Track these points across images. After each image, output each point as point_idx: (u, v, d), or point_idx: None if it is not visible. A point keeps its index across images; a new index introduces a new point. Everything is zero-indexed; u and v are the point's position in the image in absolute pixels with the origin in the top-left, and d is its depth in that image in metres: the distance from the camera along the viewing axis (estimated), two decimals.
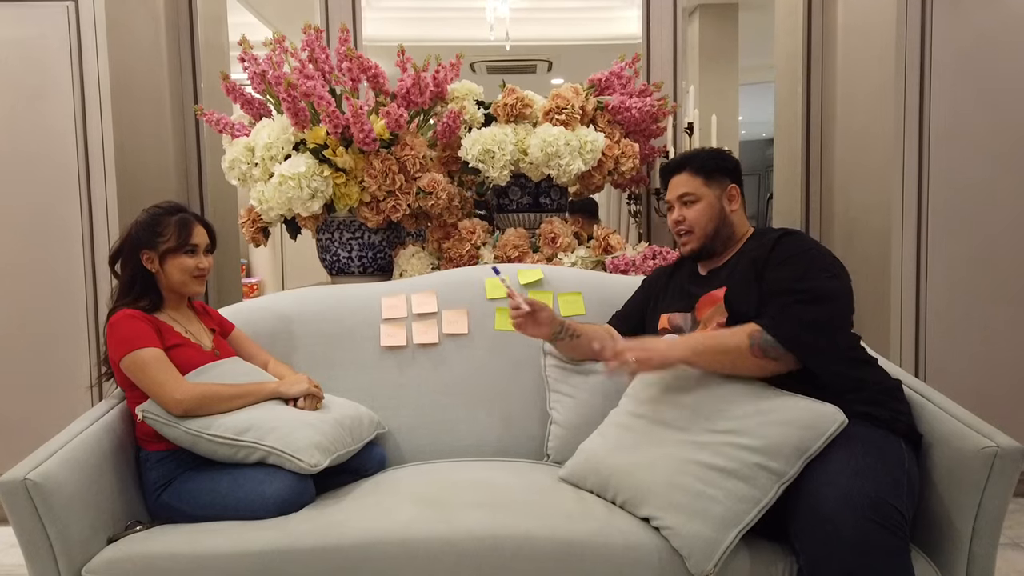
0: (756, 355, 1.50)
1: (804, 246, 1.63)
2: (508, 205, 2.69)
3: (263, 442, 1.58)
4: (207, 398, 1.61)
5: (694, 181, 1.76)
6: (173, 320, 1.78)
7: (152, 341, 1.65)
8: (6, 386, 2.71)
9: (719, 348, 1.52)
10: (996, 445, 1.41)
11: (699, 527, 1.37)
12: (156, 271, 1.76)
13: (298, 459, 1.57)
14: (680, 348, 1.53)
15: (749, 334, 1.51)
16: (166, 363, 1.64)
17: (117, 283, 1.78)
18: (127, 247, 1.77)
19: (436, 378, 2.04)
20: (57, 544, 1.46)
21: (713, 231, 1.75)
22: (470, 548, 1.44)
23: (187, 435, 1.60)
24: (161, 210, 1.79)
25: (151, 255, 1.75)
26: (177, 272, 1.76)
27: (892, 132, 2.64)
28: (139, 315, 1.70)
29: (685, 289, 1.79)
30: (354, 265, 2.59)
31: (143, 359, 1.63)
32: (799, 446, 1.39)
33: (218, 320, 1.93)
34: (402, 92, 2.46)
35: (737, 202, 1.78)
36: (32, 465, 1.46)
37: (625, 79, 2.75)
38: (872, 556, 1.27)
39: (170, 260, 1.75)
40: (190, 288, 1.80)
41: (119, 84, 2.71)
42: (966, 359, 2.66)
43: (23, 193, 2.68)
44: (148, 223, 1.76)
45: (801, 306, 1.52)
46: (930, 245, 2.65)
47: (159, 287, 1.78)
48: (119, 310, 1.71)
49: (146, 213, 1.79)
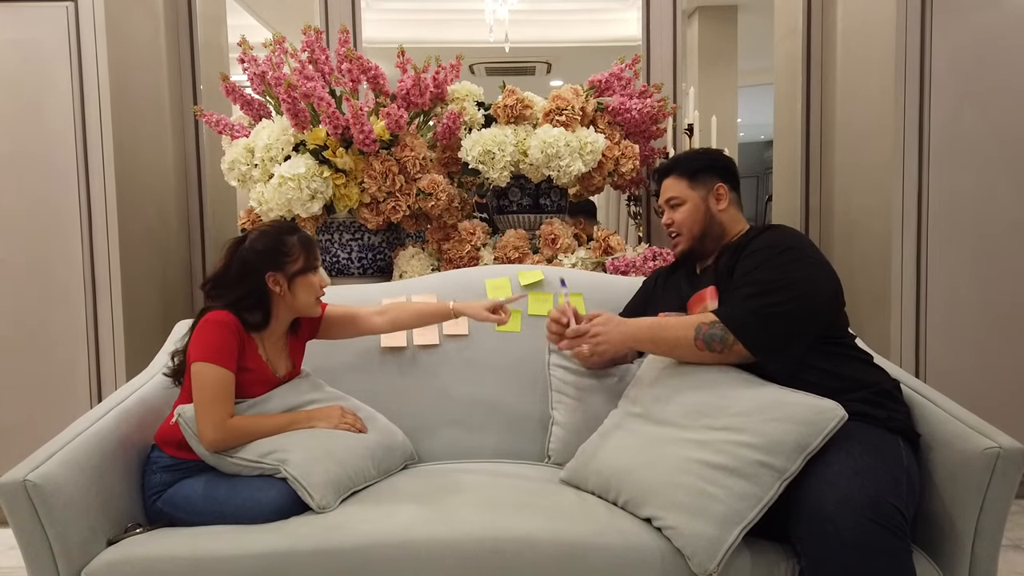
0: (699, 347, 1.54)
1: (777, 239, 1.62)
2: (508, 206, 2.69)
3: (284, 467, 1.58)
4: (233, 440, 1.60)
5: (679, 184, 1.79)
6: (261, 343, 1.73)
7: (230, 361, 1.62)
8: (5, 387, 2.71)
9: (663, 338, 1.58)
10: (998, 446, 1.41)
11: (701, 526, 1.37)
12: (283, 293, 1.70)
13: (310, 495, 1.56)
14: (627, 339, 1.62)
15: (696, 325, 1.54)
16: (228, 393, 1.61)
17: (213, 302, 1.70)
18: (239, 266, 1.69)
19: (436, 380, 2.04)
20: (57, 546, 1.45)
21: (700, 232, 1.77)
22: (471, 550, 1.43)
23: (213, 455, 1.60)
24: (279, 231, 1.73)
25: (278, 277, 1.69)
26: (305, 293, 1.72)
27: (892, 134, 2.64)
28: (235, 326, 1.65)
29: (680, 288, 1.81)
30: (354, 266, 2.58)
31: (212, 375, 1.59)
32: (800, 442, 1.39)
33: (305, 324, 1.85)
34: (402, 93, 2.46)
35: (725, 201, 1.78)
36: (32, 466, 1.45)
37: (625, 80, 2.75)
38: (873, 557, 1.27)
39: (299, 281, 1.71)
40: (313, 309, 1.76)
41: (118, 85, 2.70)
42: (967, 360, 2.66)
43: (22, 194, 2.67)
44: (271, 243, 1.70)
45: (757, 297, 1.52)
46: (930, 247, 2.65)
47: (271, 309, 1.72)
48: (223, 309, 1.66)
49: (265, 236, 1.71)
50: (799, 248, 1.60)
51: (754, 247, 1.63)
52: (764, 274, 1.55)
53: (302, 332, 1.85)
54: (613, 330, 1.62)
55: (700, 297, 1.70)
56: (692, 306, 1.72)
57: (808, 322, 1.54)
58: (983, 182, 2.64)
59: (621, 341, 1.62)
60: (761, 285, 1.54)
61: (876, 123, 2.76)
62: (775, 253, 1.58)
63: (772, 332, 1.51)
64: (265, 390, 1.71)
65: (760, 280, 1.55)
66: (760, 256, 1.59)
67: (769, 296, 1.52)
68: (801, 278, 1.55)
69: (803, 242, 1.64)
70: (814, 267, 1.58)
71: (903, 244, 2.65)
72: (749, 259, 1.61)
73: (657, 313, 1.81)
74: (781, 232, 1.66)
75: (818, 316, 1.55)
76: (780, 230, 1.68)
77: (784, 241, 1.61)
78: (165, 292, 2.97)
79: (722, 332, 1.51)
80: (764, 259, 1.58)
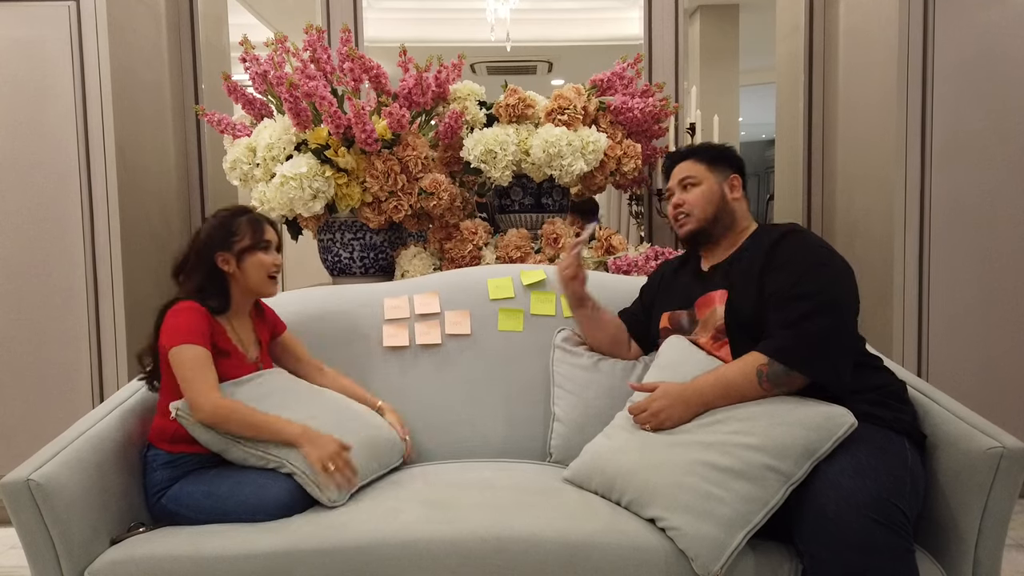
0: (766, 388, 1.50)
1: (809, 246, 1.60)
2: (510, 206, 2.69)
3: (291, 460, 1.58)
4: (230, 418, 1.59)
5: (697, 167, 1.78)
6: (230, 326, 1.76)
7: (205, 340, 1.64)
8: (8, 387, 2.71)
9: (729, 391, 1.52)
10: (1002, 446, 1.41)
11: (706, 528, 1.36)
12: (232, 272, 1.74)
13: (320, 490, 1.57)
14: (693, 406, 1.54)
15: (757, 369, 1.50)
16: (209, 368, 1.62)
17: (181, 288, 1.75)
18: (197, 253, 1.75)
19: (438, 379, 2.04)
20: (60, 545, 1.45)
21: (712, 215, 1.75)
22: (474, 549, 1.43)
23: (220, 439, 1.59)
24: (228, 212, 1.79)
25: (227, 256, 1.74)
26: (255, 270, 1.75)
27: (894, 134, 2.64)
28: (202, 310, 1.68)
29: (687, 287, 1.79)
30: (356, 266, 2.58)
31: (191, 355, 1.61)
32: (808, 447, 1.39)
33: (272, 321, 1.91)
34: (404, 92, 2.45)
35: (739, 192, 1.78)
36: (35, 466, 1.46)
37: (627, 80, 2.75)
38: (876, 557, 1.27)
39: (248, 259, 1.75)
40: (266, 288, 1.79)
41: (120, 84, 2.70)
42: (969, 360, 2.66)
43: (24, 194, 2.67)
44: (219, 225, 1.76)
45: (806, 321, 1.49)
46: (932, 247, 2.64)
47: (229, 291, 1.76)
48: (183, 300, 1.69)
49: (214, 218, 1.78)
50: (829, 257, 1.58)
51: (783, 257, 1.59)
52: (804, 291, 1.51)
53: (268, 322, 1.89)
54: (675, 402, 1.55)
55: (708, 300, 1.68)
56: (700, 308, 1.71)
57: (854, 330, 1.56)
58: (985, 181, 2.63)
59: (687, 409, 1.54)
60: (803, 306, 1.50)
61: (878, 122, 2.76)
62: (809, 266, 1.55)
63: (827, 354, 1.49)
64: (242, 373, 1.71)
65: (800, 298, 1.51)
66: (793, 270, 1.55)
67: (814, 319, 1.49)
68: (842, 292, 1.54)
69: (829, 249, 1.61)
70: (845, 275, 1.57)
71: (905, 244, 2.65)
72: (781, 272, 1.57)
73: (663, 313, 1.81)
74: (805, 239, 1.62)
75: (856, 322, 1.57)
76: (803, 236, 1.63)
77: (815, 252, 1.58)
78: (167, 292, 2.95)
79: (783, 369, 1.49)
80: (799, 274, 1.54)
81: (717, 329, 1.64)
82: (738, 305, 1.62)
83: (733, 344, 1.61)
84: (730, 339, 1.62)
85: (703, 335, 1.68)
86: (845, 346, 1.52)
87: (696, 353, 1.66)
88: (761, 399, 1.51)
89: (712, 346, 1.65)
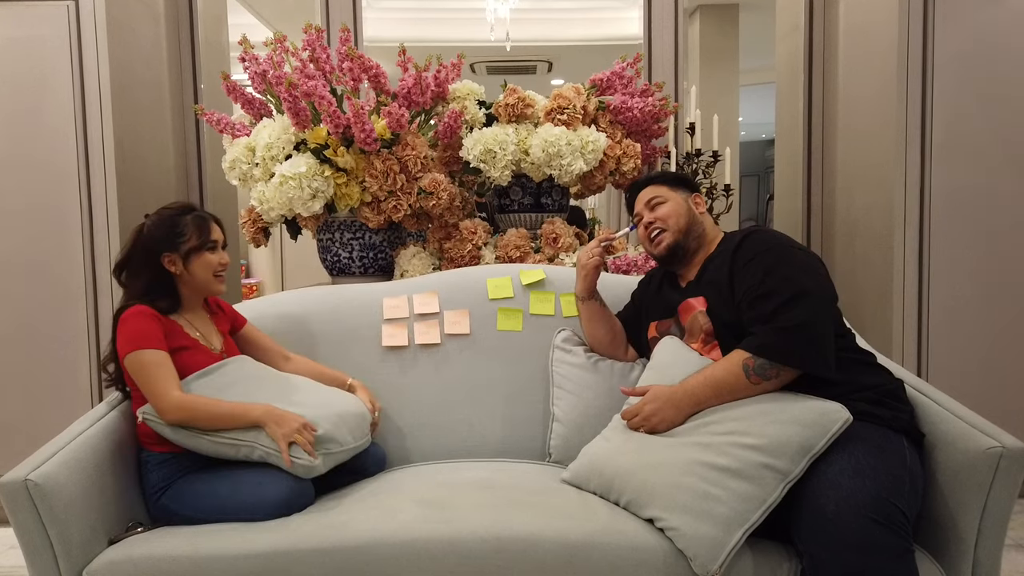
0: (755, 382, 1.51)
1: (768, 242, 1.64)
2: (509, 205, 2.69)
3: (260, 442, 1.58)
4: (195, 413, 1.58)
5: (660, 188, 1.87)
6: (186, 321, 1.76)
7: (158, 342, 1.63)
8: (7, 387, 2.71)
9: (720, 390, 1.53)
10: (1001, 446, 1.40)
11: (704, 527, 1.36)
12: (179, 273, 1.73)
13: (296, 458, 1.56)
14: (685, 407, 1.55)
15: (742, 364, 1.52)
16: (166, 368, 1.61)
17: (126, 288, 1.74)
18: (140, 252, 1.73)
19: (438, 379, 2.04)
20: (58, 545, 1.45)
21: (686, 226, 1.80)
22: (473, 549, 1.43)
23: (188, 436, 1.59)
24: (173, 211, 1.76)
25: (173, 257, 1.72)
26: (202, 271, 1.74)
27: (894, 132, 2.64)
28: (151, 313, 1.67)
29: (667, 297, 1.83)
30: (355, 266, 2.58)
31: (144, 360, 1.61)
32: (804, 444, 1.39)
33: (231, 315, 1.91)
34: (403, 92, 2.45)
35: (703, 207, 1.86)
36: (33, 466, 1.45)
37: (626, 79, 2.75)
38: (875, 557, 1.27)
39: (194, 259, 1.73)
40: (214, 287, 1.78)
41: (119, 84, 2.70)
42: (969, 359, 2.66)
43: (22, 193, 2.67)
44: (164, 225, 1.73)
45: (781, 312, 1.51)
46: (932, 246, 2.64)
47: (177, 290, 1.75)
48: (132, 306, 1.67)
49: (157, 216, 1.75)
50: (790, 249, 1.62)
51: (746, 257, 1.63)
52: (773, 286, 1.54)
53: (225, 314, 1.89)
54: (665, 404, 1.56)
55: (688, 307, 1.73)
56: (682, 314, 1.74)
57: (829, 316, 1.56)
58: (985, 180, 2.63)
59: (678, 411, 1.55)
60: (773, 300, 1.53)
61: (878, 121, 2.76)
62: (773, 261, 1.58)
63: (806, 342, 1.50)
64: (211, 362, 1.70)
65: (769, 294, 1.54)
66: (757, 268, 1.59)
67: (787, 311, 1.51)
68: (812, 279, 1.56)
69: (790, 242, 1.66)
70: (810, 264, 1.60)
71: (905, 243, 2.65)
72: (747, 272, 1.61)
73: (650, 323, 1.84)
74: (764, 237, 1.67)
75: (835, 309, 1.59)
76: (762, 234, 1.69)
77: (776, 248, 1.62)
78: None
79: (767, 363, 1.51)
80: (764, 270, 1.58)
81: (706, 332, 1.67)
82: (718, 311, 1.66)
83: (723, 346, 1.64)
84: (719, 341, 1.65)
85: (693, 342, 1.71)
86: (823, 332, 1.52)
87: (688, 354, 1.67)
88: (755, 396, 1.51)
89: (703, 350, 1.68)
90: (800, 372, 1.51)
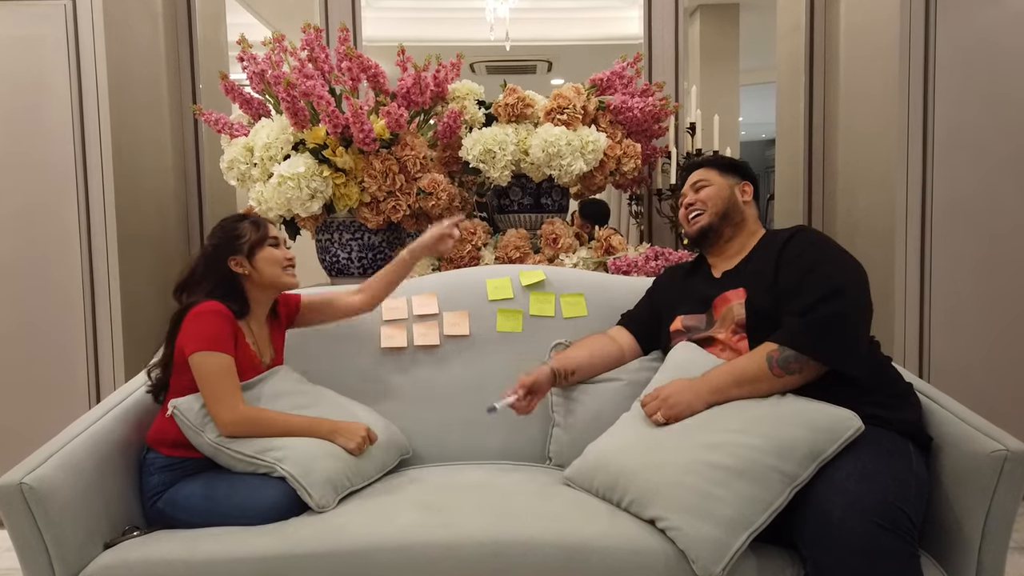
0: (777, 375, 1.50)
1: (818, 242, 1.65)
2: (509, 206, 2.67)
3: (282, 464, 1.56)
4: (258, 426, 1.59)
5: (710, 172, 1.88)
6: (248, 329, 1.74)
7: (229, 347, 1.62)
8: (3, 389, 2.69)
9: (741, 379, 1.53)
10: (1006, 448, 1.39)
11: (707, 528, 1.34)
12: (247, 273, 1.73)
13: (309, 494, 1.55)
14: (704, 393, 1.54)
15: (767, 355, 1.52)
16: (234, 378, 1.60)
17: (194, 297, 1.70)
18: (204, 263, 1.73)
19: (437, 380, 2.02)
20: (53, 549, 1.44)
21: (724, 210, 1.81)
22: (472, 553, 1.41)
23: (210, 445, 1.58)
24: (229, 219, 1.79)
25: (238, 259, 1.72)
26: (268, 266, 1.74)
27: (896, 132, 2.62)
28: (227, 314, 1.65)
29: (699, 292, 1.80)
30: (354, 266, 2.57)
31: (215, 364, 1.59)
32: (813, 449, 1.37)
33: (284, 318, 1.88)
34: (402, 92, 2.44)
35: (749, 196, 1.86)
36: (28, 469, 1.44)
37: (627, 79, 2.74)
38: (881, 562, 1.25)
39: (259, 255, 1.74)
40: (284, 279, 1.77)
41: (117, 83, 2.69)
42: (970, 361, 2.64)
43: (20, 193, 2.65)
44: (223, 232, 1.75)
45: (814, 308, 1.51)
46: (934, 246, 2.63)
47: (246, 294, 1.74)
48: (206, 302, 1.64)
49: (218, 228, 1.78)
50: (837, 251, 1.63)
51: (793, 254, 1.63)
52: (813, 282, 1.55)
53: (282, 319, 1.88)
54: (684, 388, 1.56)
55: (725, 299, 1.70)
56: (717, 307, 1.71)
57: (863, 318, 1.56)
58: (987, 180, 2.62)
59: (697, 396, 1.54)
60: (811, 296, 1.53)
61: (879, 121, 2.75)
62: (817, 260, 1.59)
63: (836, 336, 1.50)
64: (251, 377, 1.69)
65: (810, 289, 1.54)
66: (801, 265, 1.60)
67: (822, 305, 1.51)
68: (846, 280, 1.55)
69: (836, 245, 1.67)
70: (852, 266, 1.60)
71: (907, 243, 2.64)
72: (791, 268, 1.61)
73: (675, 316, 1.80)
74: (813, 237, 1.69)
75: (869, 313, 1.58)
76: (811, 234, 1.70)
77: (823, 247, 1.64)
78: (164, 293, 2.94)
79: (793, 354, 1.50)
80: (808, 267, 1.58)
81: (736, 323, 1.65)
82: (757, 304, 1.64)
83: (752, 338, 1.62)
84: (749, 333, 1.63)
85: (721, 331, 1.68)
86: (856, 332, 1.52)
87: (705, 356, 1.66)
88: (771, 395, 1.51)
89: (731, 340, 1.65)
90: (824, 369, 1.50)
